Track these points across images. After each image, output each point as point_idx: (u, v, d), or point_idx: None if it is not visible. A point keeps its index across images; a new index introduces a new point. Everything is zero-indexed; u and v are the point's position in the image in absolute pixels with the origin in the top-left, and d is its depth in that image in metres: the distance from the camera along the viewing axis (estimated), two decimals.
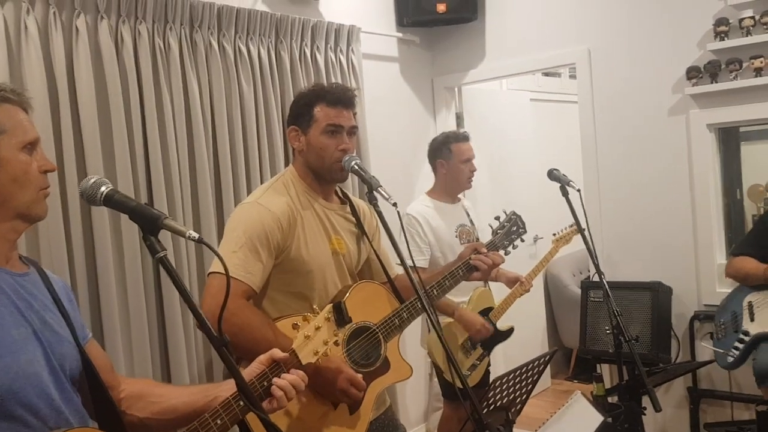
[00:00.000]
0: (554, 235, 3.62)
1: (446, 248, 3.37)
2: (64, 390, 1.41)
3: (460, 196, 3.64)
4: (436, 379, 4.37)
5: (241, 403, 1.44)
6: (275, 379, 1.53)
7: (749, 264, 3.15)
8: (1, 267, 1.39)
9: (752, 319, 3.14)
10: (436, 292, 2.27)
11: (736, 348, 3.13)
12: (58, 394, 1.38)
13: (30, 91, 2.21)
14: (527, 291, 3.50)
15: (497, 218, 2.56)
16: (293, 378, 1.54)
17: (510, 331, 3.52)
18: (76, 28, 2.63)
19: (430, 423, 4.31)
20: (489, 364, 3.51)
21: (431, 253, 3.37)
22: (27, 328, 1.36)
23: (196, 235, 1.32)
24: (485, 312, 3.41)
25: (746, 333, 3.11)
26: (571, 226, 3.51)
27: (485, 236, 2.97)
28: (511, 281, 3.47)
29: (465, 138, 3.54)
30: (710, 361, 3.31)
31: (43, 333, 1.39)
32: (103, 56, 2.69)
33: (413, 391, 4.22)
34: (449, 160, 3.46)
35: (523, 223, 2.57)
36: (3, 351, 1.30)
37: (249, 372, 1.55)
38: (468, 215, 3.58)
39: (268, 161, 3.31)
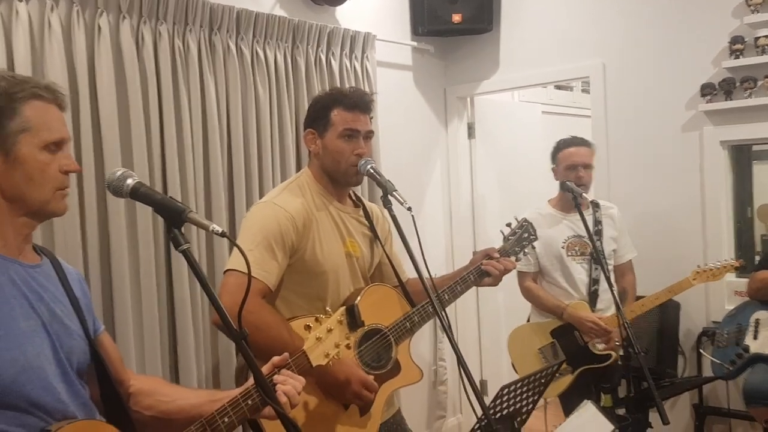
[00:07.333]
0: (699, 267, 3.16)
1: (552, 258, 3.26)
2: (71, 383, 1.40)
3: (603, 202, 3.39)
4: (440, 388, 4.38)
5: (249, 402, 1.44)
6: (279, 386, 1.47)
7: None
8: (13, 258, 1.38)
9: (755, 337, 3.14)
10: (447, 297, 2.28)
11: (733, 361, 3.13)
12: (64, 387, 1.38)
13: None
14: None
15: (509, 225, 2.57)
16: (290, 386, 1.49)
17: (606, 357, 3.14)
18: (99, 26, 2.66)
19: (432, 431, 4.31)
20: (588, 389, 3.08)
21: (541, 262, 3.28)
22: (36, 320, 1.36)
23: (219, 229, 1.33)
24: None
25: (746, 349, 3.12)
26: (735, 259, 3.21)
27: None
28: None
29: (577, 143, 3.25)
30: (716, 378, 3.30)
31: (51, 325, 1.38)
32: (124, 55, 2.72)
33: (416, 400, 4.21)
34: (557, 167, 3.26)
35: (534, 230, 2.57)
36: (10, 344, 1.30)
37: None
38: (597, 225, 3.25)
39: (279, 164, 3.33)
